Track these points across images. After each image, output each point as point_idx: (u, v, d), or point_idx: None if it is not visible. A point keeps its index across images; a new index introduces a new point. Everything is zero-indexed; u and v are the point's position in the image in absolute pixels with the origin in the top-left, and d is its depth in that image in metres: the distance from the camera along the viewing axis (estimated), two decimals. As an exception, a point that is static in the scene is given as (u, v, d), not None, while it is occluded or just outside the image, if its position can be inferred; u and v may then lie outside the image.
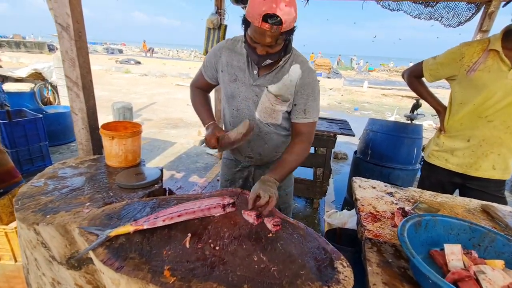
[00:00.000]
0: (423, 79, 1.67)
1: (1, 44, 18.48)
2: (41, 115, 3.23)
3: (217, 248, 0.90)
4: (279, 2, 0.92)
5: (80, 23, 1.48)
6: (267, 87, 1.18)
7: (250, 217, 1.04)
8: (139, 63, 17.83)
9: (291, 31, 1.03)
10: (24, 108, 3.39)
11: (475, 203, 1.31)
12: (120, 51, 28.60)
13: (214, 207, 1.09)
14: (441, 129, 1.61)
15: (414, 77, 1.70)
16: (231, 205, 1.11)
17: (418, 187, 1.68)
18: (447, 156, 1.57)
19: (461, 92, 1.47)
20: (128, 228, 0.95)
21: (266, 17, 0.92)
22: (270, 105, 1.20)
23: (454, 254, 0.83)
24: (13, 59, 14.35)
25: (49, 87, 5.12)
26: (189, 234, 0.94)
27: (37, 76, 5.04)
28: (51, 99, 5.18)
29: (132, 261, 0.83)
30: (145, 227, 0.97)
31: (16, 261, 1.84)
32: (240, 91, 1.23)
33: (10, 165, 2.28)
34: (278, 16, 0.92)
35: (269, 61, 1.09)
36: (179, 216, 1.04)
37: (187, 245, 0.90)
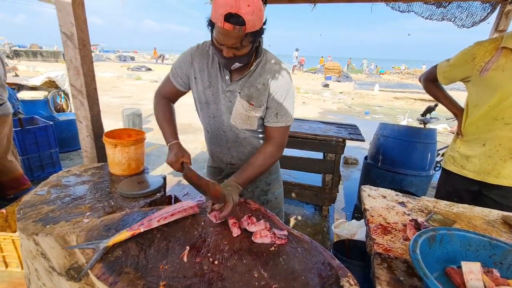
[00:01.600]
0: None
1: (19, 53, 19.22)
2: (52, 123, 3.29)
3: (216, 262, 0.86)
4: (243, 2, 0.88)
5: (84, 31, 1.49)
6: (239, 92, 1.14)
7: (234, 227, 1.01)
8: (150, 69, 18.16)
9: (258, 32, 0.98)
10: (35, 116, 3.47)
11: (495, 214, 1.22)
12: (132, 59, 29.25)
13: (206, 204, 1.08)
14: (458, 133, 1.53)
15: (430, 81, 1.64)
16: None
17: (435, 196, 1.60)
18: (463, 162, 1.48)
19: (475, 93, 1.40)
20: (125, 234, 0.93)
21: (228, 17, 0.89)
22: (244, 112, 1.16)
23: (473, 273, 0.76)
24: (30, 68, 14.87)
25: (62, 95, 5.24)
26: (188, 247, 0.90)
27: (50, 84, 5.18)
28: (64, 106, 5.31)
29: (127, 276, 0.80)
30: (142, 230, 0.96)
31: (22, 268, 1.84)
32: (214, 98, 1.19)
33: (19, 172, 2.32)
34: (240, 16, 0.88)
35: (238, 64, 1.05)
36: (172, 215, 1.04)
37: (185, 259, 0.86)
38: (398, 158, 2.55)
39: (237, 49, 0.98)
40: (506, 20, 2.52)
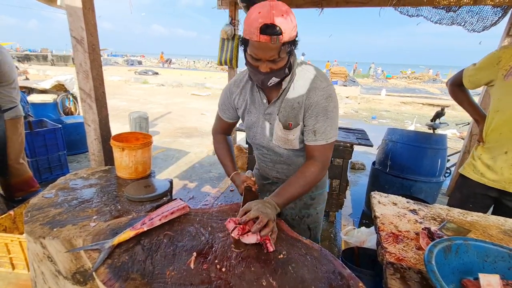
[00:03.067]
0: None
1: (30, 57, 19.67)
2: (61, 125, 3.33)
3: (223, 269, 0.84)
4: (276, 12, 0.87)
5: (94, 36, 1.50)
6: (277, 115, 1.12)
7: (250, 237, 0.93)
8: (157, 73, 18.34)
9: (294, 42, 0.96)
10: (44, 119, 3.51)
11: (511, 223, 1.18)
12: (140, 63, 29.62)
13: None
14: (479, 140, 1.49)
15: (456, 86, 1.60)
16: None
17: (449, 199, 1.56)
18: (483, 170, 1.43)
19: (498, 98, 1.36)
20: (129, 233, 0.94)
21: (264, 29, 0.87)
22: (282, 135, 1.13)
23: (491, 286, 0.73)
24: (40, 72, 15.17)
25: (71, 98, 5.31)
26: (195, 254, 0.89)
27: (60, 88, 5.25)
28: (72, 109, 5.37)
29: (133, 282, 0.78)
30: (145, 229, 0.97)
31: (29, 270, 1.85)
32: (254, 122, 1.20)
33: (28, 174, 2.34)
34: (276, 26, 0.87)
35: (275, 79, 1.01)
36: (172, 213, 1.07)
37: (192, 266, 0.85)
38: (407, 164, 2.51)
39: (274, 62, 0.96)
40: (519, 24, 2.48)
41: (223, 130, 1.40)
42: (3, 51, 2.09)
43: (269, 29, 0.88)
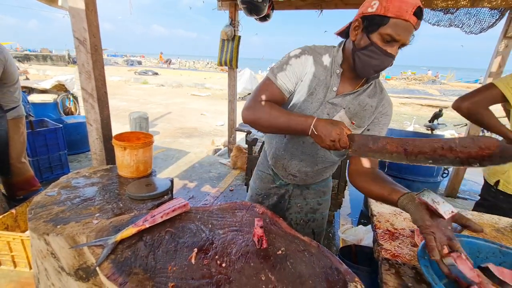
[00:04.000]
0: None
1: (29, 57, 19.68)
2: (61, 125, 3.35)
3: (223, 265, 0.86)
4: None
5: (97, 37, 1.53)
6: (344, 108, 1.05)
7: None
8: (157, 74, 18.38)
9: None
10: (45, 118, 3.54)
11: (505, 222, 1.20)
12: (139, 63, 29.70)
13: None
14: None
15: (485, 109, 1.33)
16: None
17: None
18: None
19: None
20: (131, 230, 0.96)
21: (418, 11, 0.82)
22: None
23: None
24: (40, 72, 15.19)
25: (71, 98, 5.33)
26: (195, 250, 0.91)
27: (60, 88, 5.27)
28: (73, 109, 5.39)
29: (136, 276, 0.81)
30: (147, 225, 0.99)
31: (31, 268, 1.87)
32: (309, 107, 1.06)
33: (30, 174, 2.36)
34: (423, 10, 0.84)
35: (387, 67, 0.95)
36: (173, 211, 1.09)
37: (193, 261, 0.87)
38: (405, 164, 2.53)
39: (399, 49, 0.91)
40: (515, 26, 2.51)
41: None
42: (6, 51, 2.11)
43: (420, 12, 0.84)
